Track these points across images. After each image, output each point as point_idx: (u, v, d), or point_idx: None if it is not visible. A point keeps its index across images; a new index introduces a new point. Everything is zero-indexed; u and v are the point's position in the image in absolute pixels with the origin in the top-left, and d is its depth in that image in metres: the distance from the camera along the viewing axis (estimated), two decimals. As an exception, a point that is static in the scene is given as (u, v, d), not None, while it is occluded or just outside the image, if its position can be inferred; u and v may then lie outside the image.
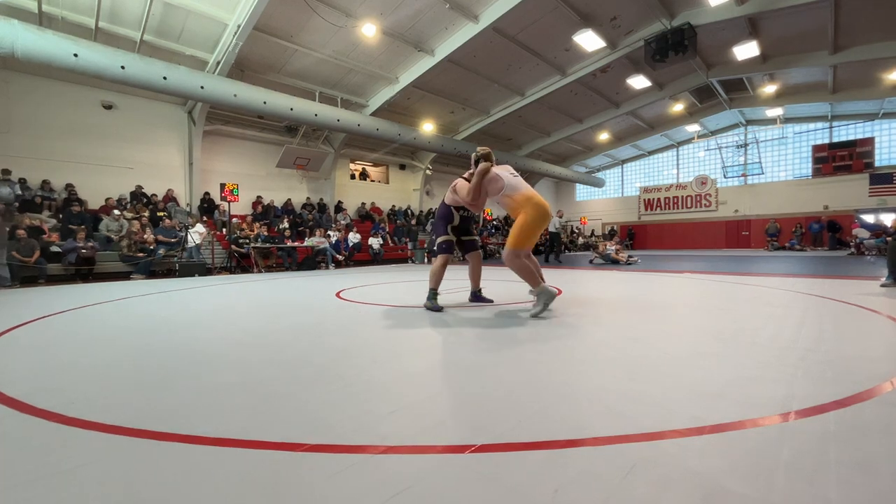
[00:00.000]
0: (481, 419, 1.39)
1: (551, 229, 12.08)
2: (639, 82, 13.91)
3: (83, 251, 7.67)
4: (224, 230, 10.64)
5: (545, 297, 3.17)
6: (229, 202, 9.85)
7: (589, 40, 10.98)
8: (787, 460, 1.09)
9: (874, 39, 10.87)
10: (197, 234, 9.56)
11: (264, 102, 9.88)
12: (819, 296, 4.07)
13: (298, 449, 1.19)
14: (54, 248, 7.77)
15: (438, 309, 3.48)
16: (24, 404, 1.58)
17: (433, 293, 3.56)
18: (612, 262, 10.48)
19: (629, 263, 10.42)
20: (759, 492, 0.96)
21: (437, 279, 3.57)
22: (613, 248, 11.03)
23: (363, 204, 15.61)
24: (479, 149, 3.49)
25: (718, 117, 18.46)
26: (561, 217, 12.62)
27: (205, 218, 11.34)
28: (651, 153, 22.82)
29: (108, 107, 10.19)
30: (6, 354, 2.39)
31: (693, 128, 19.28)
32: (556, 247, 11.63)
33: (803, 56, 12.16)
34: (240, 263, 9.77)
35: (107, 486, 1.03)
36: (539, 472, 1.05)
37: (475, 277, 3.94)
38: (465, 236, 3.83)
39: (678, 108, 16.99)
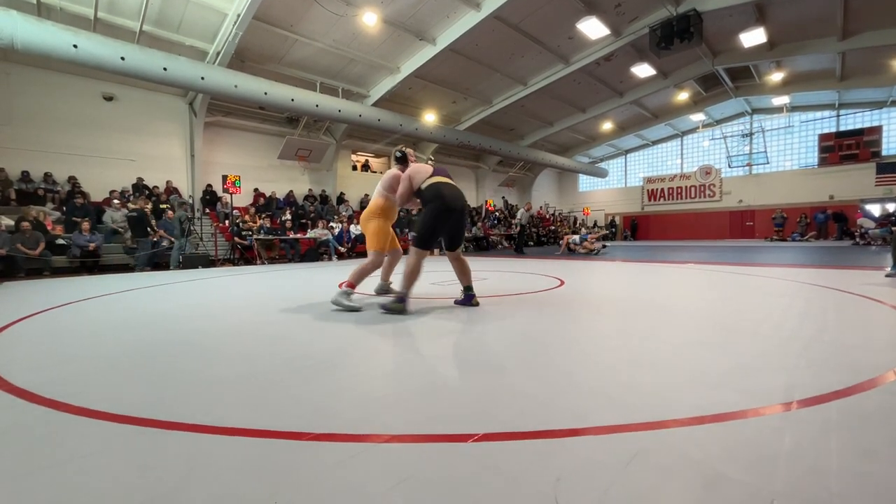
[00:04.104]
0: (484, 409, 1.40)
1: (521, 222, 12.28)
2: (643, 70, 13.72)
3: (90, 244, 7.73)
4: (227, 222, 10.66)
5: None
6: (231, 194, 9.84)
7: (593, 28, 10.81)
8: (788, 449, 1.09)
9: (884, 25, 10.66)
10: None
11: (265, 93, 9.81)
12: (823, 286, 4.06)
13: (303, 438, 1.21)
14: (60, 242, 7.82)
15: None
16: (32, 394, 1.60)
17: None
18: (584, 252, 10.44)
19: (597, 253, 10.40)
20: (760, 480, 0.96)
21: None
22: (578, 238, 10.96)
23: (366, 195, 15.57)
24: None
25: (724, 106, 18.23)
26: (529, 210, 12.64)
27: (206, 210, 11.35)
28: (655, 143, 22.60)
29: (109, 98, 10.15)
30: (14, 345, 2.42)
31: (698, 117, 19.06)
32: (520, 239, 12.45)
33: (811, 43, 11.95)
34: (243, 255, 9.81)
35: (117, 474, 1.05)
36: (541, 461, 1.06)
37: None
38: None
39: (683, 96, 16.77)
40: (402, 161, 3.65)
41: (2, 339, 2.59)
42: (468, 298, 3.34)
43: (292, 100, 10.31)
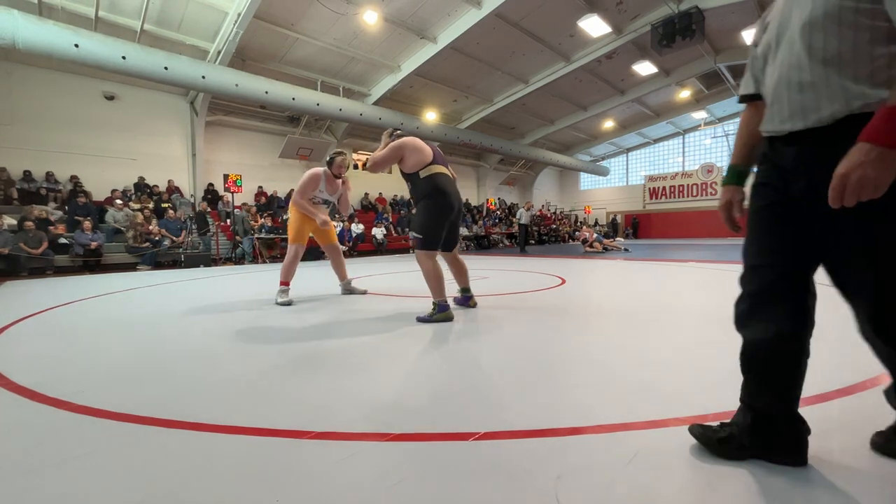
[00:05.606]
0: (485, 408, 1.40)
1: (522, 221, 12.26)
2: (645, 68, 13.67)
3: (92, 242, 7.76)
4: (228, 221, 10.67)
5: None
6: (233, 193, 9.86)
7: (594, 25, 10.78)
8: (790, 448, 1.09)
9: (887, 22, 10.60)
10: None
11: (266, 92, 9.81)
12: (825, 283, 4.03)
13: (304, 436, 1.21)
14: (62, 241, 7.84)
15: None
16: (34, 392, 1.61)
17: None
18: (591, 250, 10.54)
19: (608, 249, 10.50)
20: (762, 478, 0.96)
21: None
22: (595, 234, 11.12)
23: (366, 194, 15.58)
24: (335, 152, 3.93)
25: (726, 104, 18.12)
26: (529, 209, 12.57)
27: (209, 209, 11.38)
28: (656, 141, 22.52)
29: (111, 98, 10.16)
30: (16, 344, 2.43)
31: (700, 115, 18.98)
32: (522, 237, 12.53)
33: (814, 40, 11.89)
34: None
35: (118, 473, 1.05)
36: (542, 459, 1.06)
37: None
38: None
39: (685, 94, 16.69)
40: (331, 165, 3.83)
41: (4, 337, 2.60)
42: (465, 300, 3.30)
43: (293, 98, 10.31)
